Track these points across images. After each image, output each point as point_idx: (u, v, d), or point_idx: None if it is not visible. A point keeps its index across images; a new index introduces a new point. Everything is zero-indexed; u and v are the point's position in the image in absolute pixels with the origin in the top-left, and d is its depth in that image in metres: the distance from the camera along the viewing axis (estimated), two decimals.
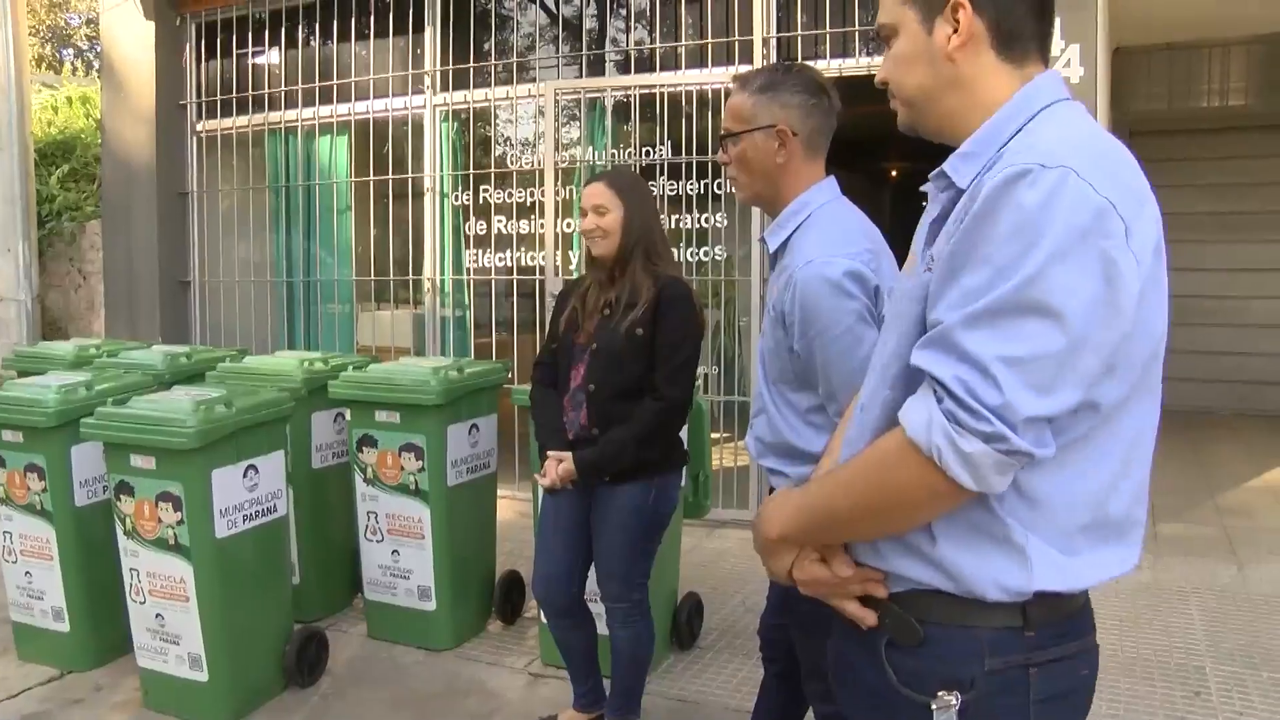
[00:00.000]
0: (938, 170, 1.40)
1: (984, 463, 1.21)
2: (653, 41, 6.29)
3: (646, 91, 6.07)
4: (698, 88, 5.90)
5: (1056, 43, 4.79)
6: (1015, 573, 1.30)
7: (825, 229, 2.20)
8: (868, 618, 1.42)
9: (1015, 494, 1.29)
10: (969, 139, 1.38)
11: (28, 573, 3.93)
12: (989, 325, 1.20)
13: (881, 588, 1.40)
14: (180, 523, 3.39)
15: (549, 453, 3.08)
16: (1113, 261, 1.20)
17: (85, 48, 18.95)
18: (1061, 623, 1.36)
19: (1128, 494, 1.36)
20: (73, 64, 18.28)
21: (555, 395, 3.17)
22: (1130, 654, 4.03)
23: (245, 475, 3.56)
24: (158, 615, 3.52)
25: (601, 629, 3.32)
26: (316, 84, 7.12)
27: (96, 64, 14.86)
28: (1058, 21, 4.62)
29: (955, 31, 1.39)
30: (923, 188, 1.45)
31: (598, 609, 3.32)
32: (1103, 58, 5.21)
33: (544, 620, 3.90)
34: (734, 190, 2.47)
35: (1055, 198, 1.20)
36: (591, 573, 3.27)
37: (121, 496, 3.49)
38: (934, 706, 1.33)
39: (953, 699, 1.33)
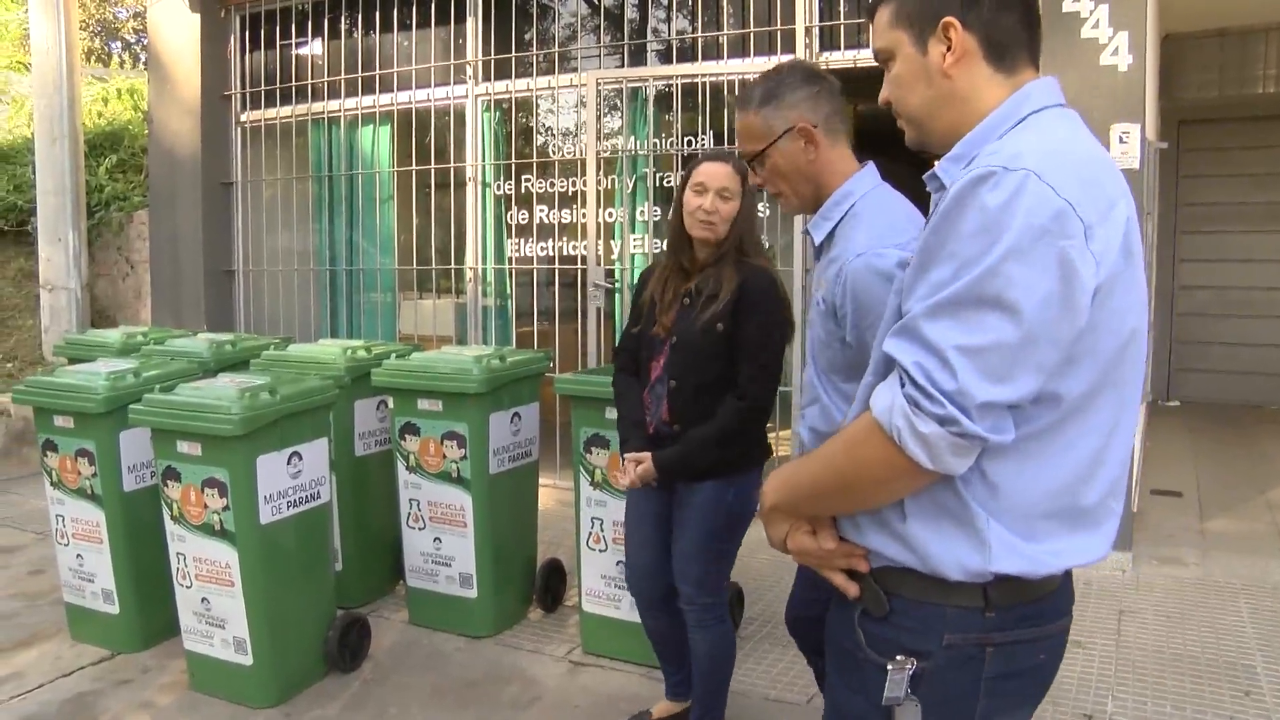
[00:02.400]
0: (930, 172, 1.48)
1: (939, 444, 1.30)
2: (694, 31, 6.26)
3: (688, 81, 6.05)
4: (740, 77, 5.86)
5: (1104, 30, 4.71)
6: (974, 554, 1.39)
7: (873, 219, 2.19)
8: (851, 589, 1.53)
9: (980, 480, 1.37)
10: (959, 142, 1.47)
11: (79, 555, 3.99)
12: (949, 316, 1.29)
13: (864, 562, 1.51)
14: (226, 508, 3.43)
15: (627, 454, 3.01)
16: (1069, 261, 1.27)
17: (133, 40, 19.16)
18: (1022, 606, 1.44)
19: (1099, 484, 1.43)
20: (120, 57, 18.48)
21: (637, 385, 3.08)
22: (1177, 651, 3.97)
23: (289, 462, 3.59)
24: (204, 599, 3.56)
25: None
26: (359, 74, 7.16)
27: (143, 56, 15.03)
28: (1105, 9, 4.62)
29: (949, 49, 1.47)
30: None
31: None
32: (1151, 45, 5.12)
33: (584, 609, 3.91)
34: (781, 207, 2.47)
35: (1016, 199, 1.28)
36: None
37: (168, 482, 3.53)
38: (889, 667, 1.45)
39: (909, 663, 1.44)
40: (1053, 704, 3.51)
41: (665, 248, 3.06)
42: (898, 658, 1.44)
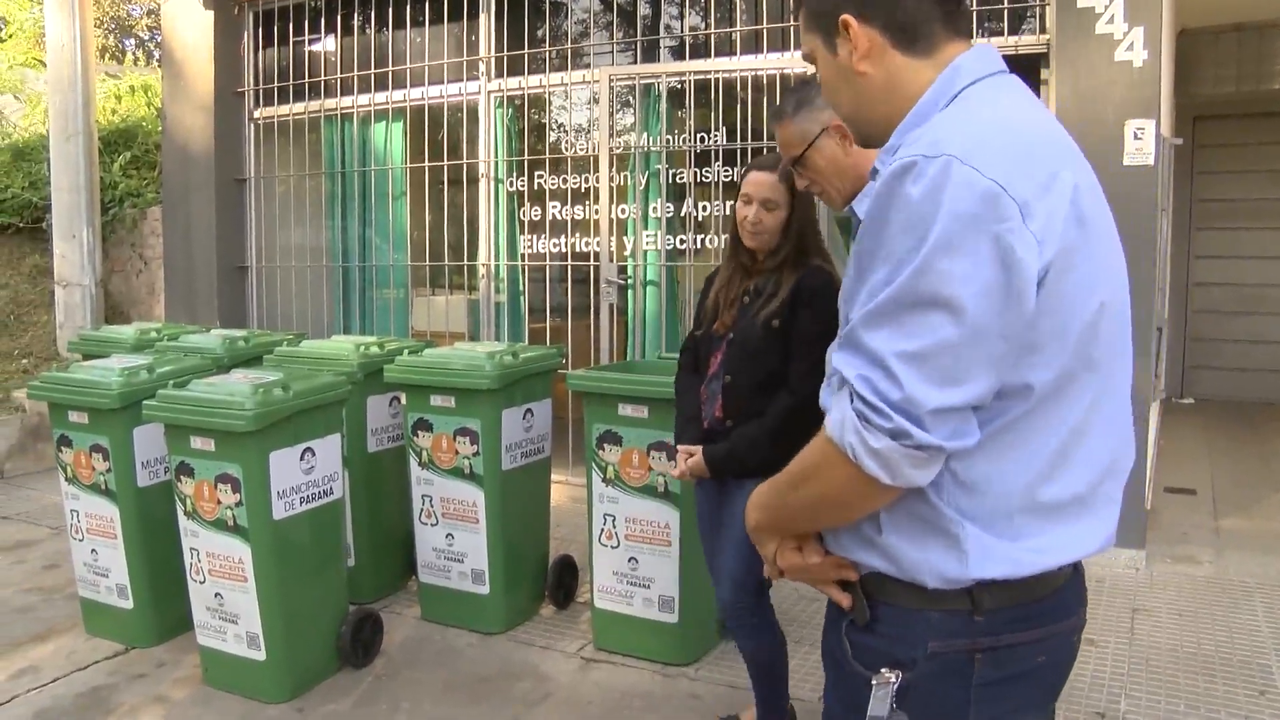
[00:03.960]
0: (873, 168, 1.42)
1: (894, 459, 1.23)
2: (707, 27, 6.25)
3: (701, 77, 6.04)
4: (753, 74, 5.86)
5: (1119, 26, 4.68)
6: (952, 562, 1.31)
7: None
8: (844, 600, 1.45)
9: (953, 481, 1.30)
10: (894, 132, 1.39)
11: (94, 550, 4.01)
12: (888, 322, 1.22)
13: (853, 572, 1.43)
14: (239, 504, 3.44)
15: (680, 446, 3.01)
16: (1007, 245, 1.19)
17: (146, 37, 19.22)
18: (1016, 608, 1.35)
19: (1086, 471, 1.35)
20: (134, 54, 18.55)
21: (696, 382, 3.06)
22: (1191, 649, 3.95)
23: (302, 458, 3.60)
24: (217, 594, 3.57)
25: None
26: (372, 71, 7.17)
27: (157, 53, 15.08)
28: (1120, 4, 4.59)
29: (854, 46, 1.40)
30: None
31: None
32: (1167, 40, 5.09)
33: (596, 605, 3.91)
34: (829, 205, 2.50)
35: (939, 187, 1.20)
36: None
37: (182, 477, 3.54)
38: (874, 682, 1.37)
39: (892, 677, 1.36)
40: (1065, 702, 3.50)
41: (727, 248, 3.07)
42: (882, 671, 1.37)
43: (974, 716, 1.37)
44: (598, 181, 6.12)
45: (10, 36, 14.65)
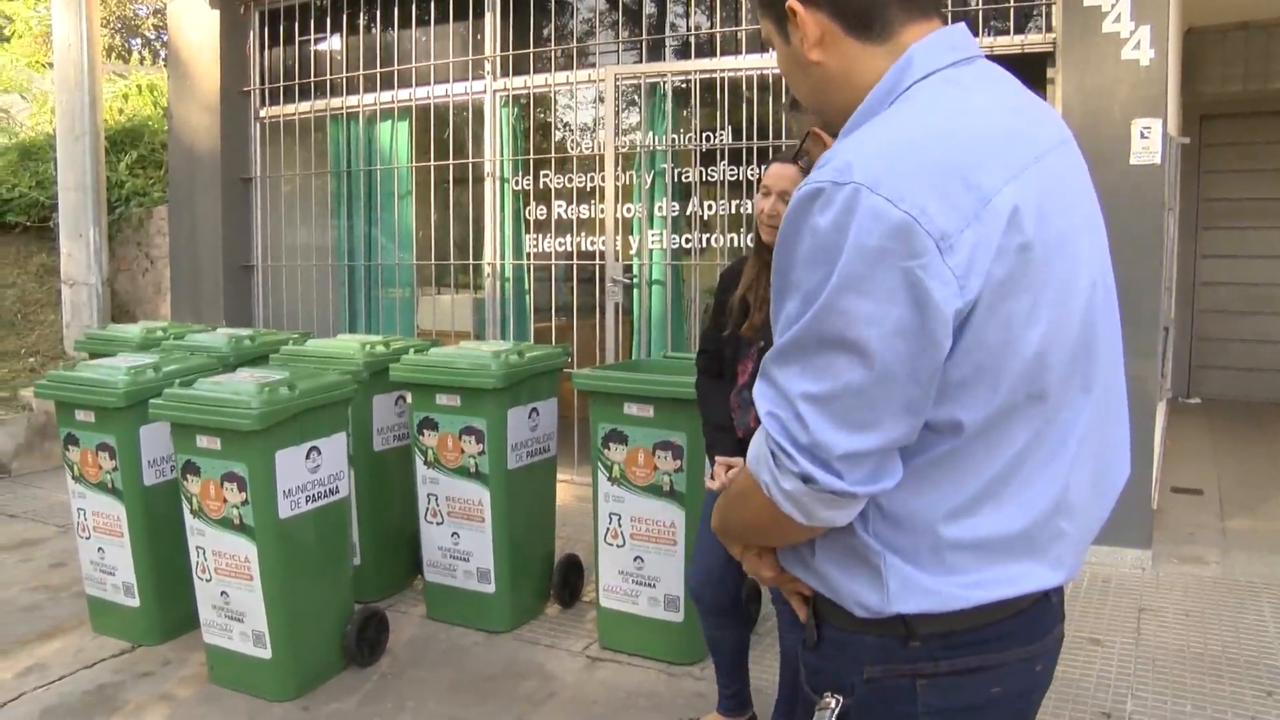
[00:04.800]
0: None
1: (805, 501, 1.17)
2: (712, 26, 6.24)
3: (706, 76, 6.04)
4: (758, 72, 5.86)
5: (1126, 24, 4.68)
6: (873, 594, 1.24)
7: None
8: (802, 612, 1.41)
9: (878, 514, 1.22)
10: (840, 133, 1.29)
11: (100, 549, 4.02)
12: (795, 359, 1.15)
13: (805, 588, 1.37)
14: (245, 503, 3.44)
15: (719, 458, 2.92)
16: (919, 283, 1.09)
17: (152, 37, 19.24)
18: (960, 634, 1.26)
19: (1030, 508, 1.24)
20: (140, 53, 18.57)
21: (722, 388, 2.99)
22: (1198, 650, 3.94)
23: (308, 457, 3.60)
24: (223, 593, 3.57)
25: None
26: (378, 70, 7.17)
27: (163, 53, 15.10)
28: (1127, 2, 4.58)
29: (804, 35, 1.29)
30: None
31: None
32: (1174, 39, 5.08)
33: (602, 604, 3.92)
34: None
35: (846, 219, 1.10)
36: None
37: (188, 476, 3.55)
38: (817, 707, 1.32)
39: (832, 702, 1.30)
40: (1071, 702, 3.49)
41: (752, 246, 3.01)
42: (824, 696, 1.32)
43: None
44: (603, 180, 6.12)
45: (17, 36, 14.67)
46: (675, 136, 6.27)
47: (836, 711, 1.30)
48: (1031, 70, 4.92)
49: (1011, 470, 1.22)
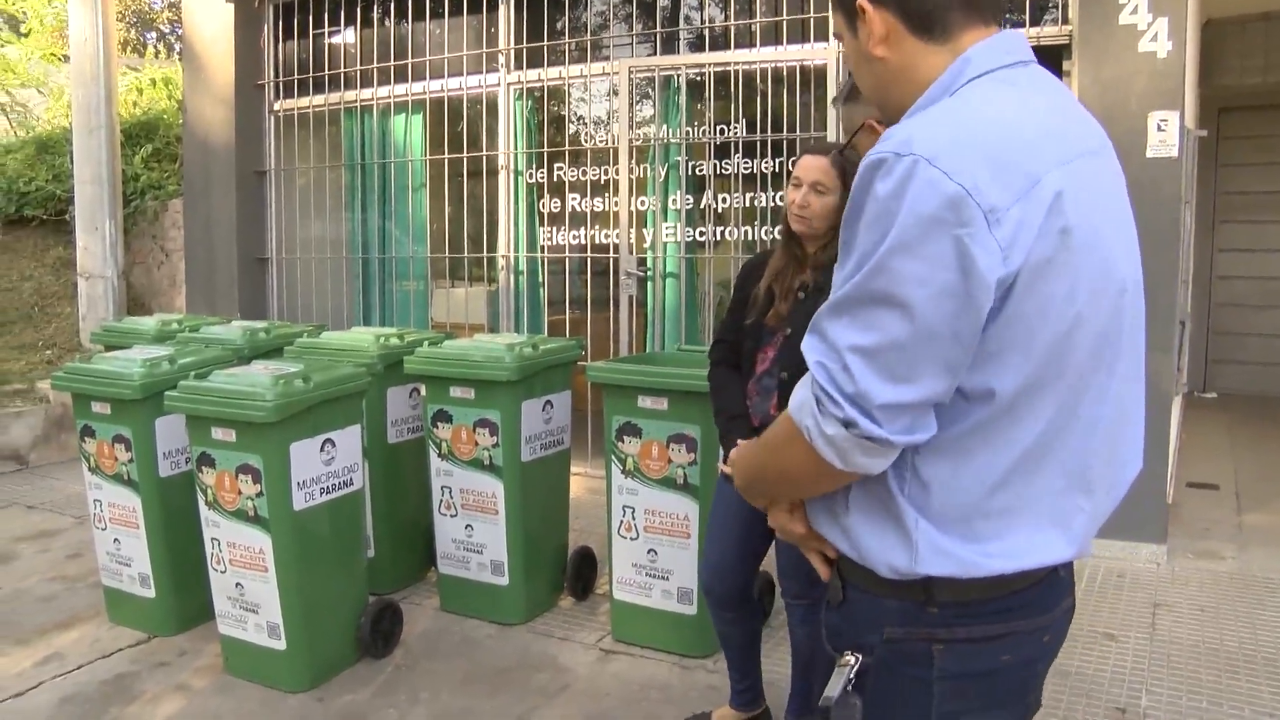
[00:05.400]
0: None
1: (845, 446, 1.25)
2: (727, 19, 6.23)
3: (721, 69, 6.03)
4: (772, 65, 5.84)
5: (1143, 16, 4.64)
6: (902, 555, 1.32)
7: None
8: (824, 571, 1.50)
9: (914, 477, 1.31)
10: (900, 120, 1.38)
11: (116, 540, 4.04)
12: (847, 314, 1.25)
13: (830, 549, 1.46)
14: (259, 494, 3.46)
15: (739, 442, 2.85)
16: (967, 251, 1.18)
17: (167, 30, 19.30)
18: (976, 604, 1.34)
19: (1053, 481, 1.33)
20: (155, 47, 18.64)
21: (738, 378, 2.96)
22: (1213, 645, 3.92)
23: (322, 449, 3.61)
24: (238, 584, 3.59)
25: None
26: (392, 63, 7.18)
27: (178, 46, 15.14)
28: None
29: (871, 31, 1.40)
30: None
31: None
32: (1192, 30, 5.05)
33: (615, 597, 3.92)
34: None
35: (904, 187, 1.20)
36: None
37: (203, 468, 3.56)
38: (838, 663, 1.40)
39: (851, 659, 1.39)
40: (1085, 697, 3.49)
41: (779, 238, 2.99)
42: (844, 654, 1.41)
43: (937, 709, 1.37)
44: (617, 173, 6.11)
45: (33, 31, 14.74)
46: (689, 129, 6.26)
47: (856, 668, 1.38)
48: (1047, 63, 4.89)
49: (1039, 445, 1.31)
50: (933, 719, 1.37)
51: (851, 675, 1.38)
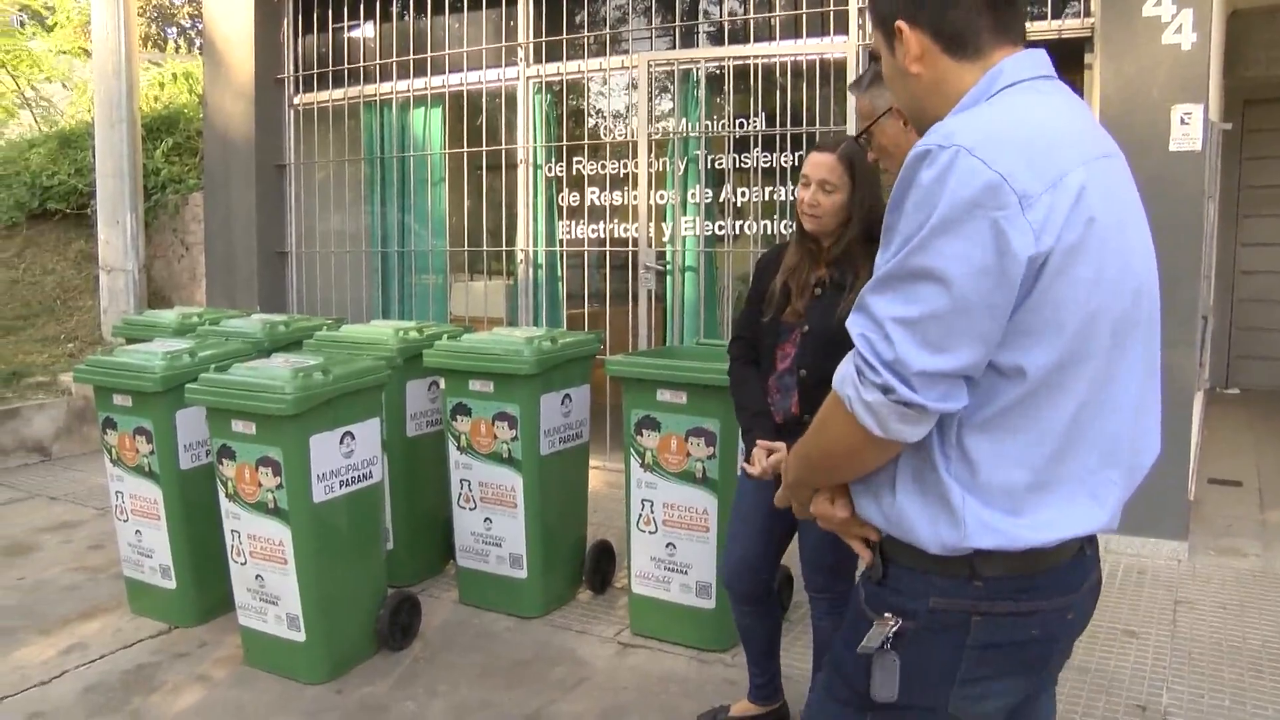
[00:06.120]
0: None
1: (883, 412, 1.35)
2: (746, 12, 6.21)
3: (740, 63, 6.01)
4: (792, 59, 5.82)
5: (1167, 8, 4.60)
6: (951, 531, 1.42)
7: None
8: (865, 554, 1.59)
9: (960, 456, 1.42)
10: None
11: (138, 531, 4.06)
12: (889, 289, 1.36)
13: (874, 533, 1.56)
14: (279, 487, 3.47)
15: (760, 441, 2.87)
16: (1003, 232, 1.30)
17: (188, 25, 19.40)
18: (1016, 579, 1.46)
19: (1086, 456, 1.45)
20: (176, 41, 18.72)
21: (756, 373, 2.95)
22: (1235, 643, 3.89)
23: (342, 442, 3.62)
24: (258, 576, 3.61)
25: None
26: (411, 57, 7.18)
27: (198, 41, 15.21)
28: None
29: (907, 50, 1.53)
30: None
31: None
32: (1218, 22, 4.99)
33: (634, 591, 3.92)
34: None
35: (946, 174, 1.32)
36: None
37: (223, 460, 3.58)
38: (876, 622, 1.51)
39: (894, 621, 1.49)
40: (1105, 694, 3.47)
41: (794, 233, 2.99)
42: (885, 615, 1.50)
43: (962, 674, 1.48)
44: (636, 167, 6.11)
45: (59, 26, 14.83)
46: (708, 123, 6.25)
47: (895, 629, 1.49)
48: (1068, 57, 4.85)
49: (1075, 422, 1.42)
50: (956, 682, 1.49)
51: (890, 634, 1.48)
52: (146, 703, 3.46)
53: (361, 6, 7.40)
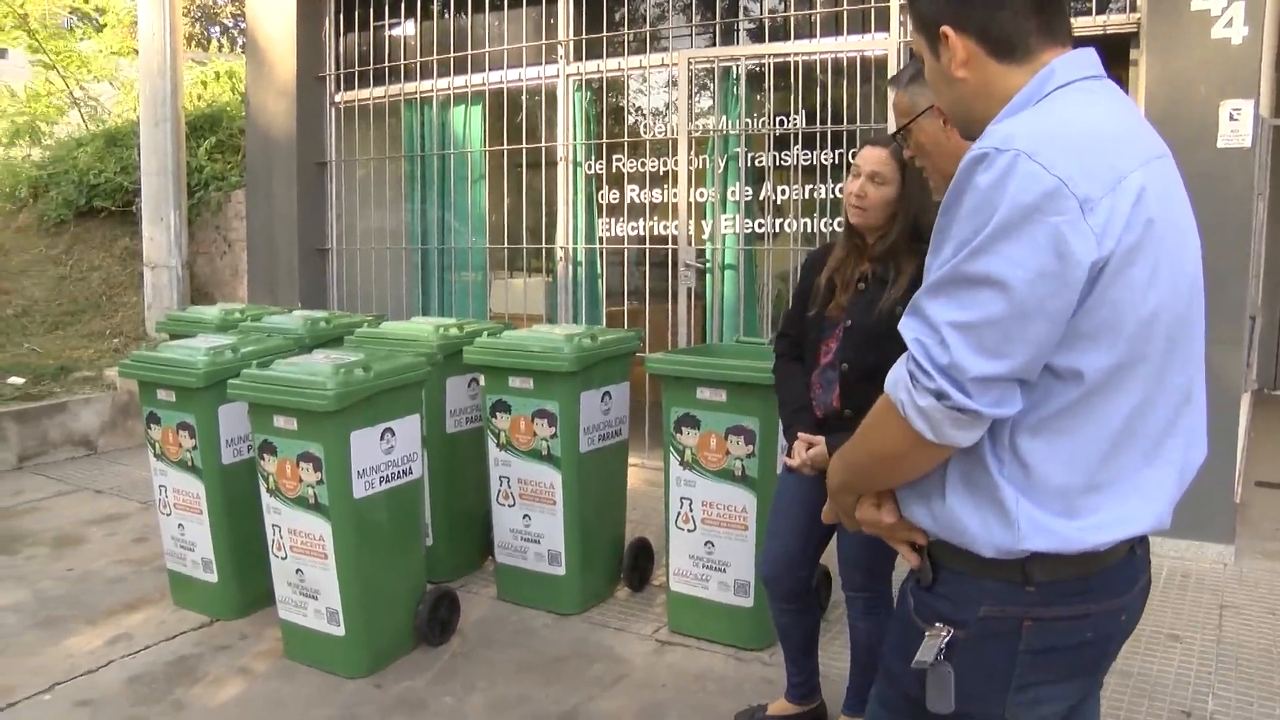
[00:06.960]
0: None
1: (936, 416, 1.34)
2: (786, 9, 6.18)
3: (780, 60, 5.98)
4: (832, 56, 5.78)
5: (1217, 1, 4.51)
6: (1005, 533, 1.40)
7: None
8: (912, 559, 1.57)
9: (1013, 459, 1.40)
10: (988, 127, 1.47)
11: (180, 525, 4.11)
12: (945, 294, 1.34)
13: (922, 537, 1.54)
14: (320, 482, 3.49)
15: (800, 434, 2.89)
16: (1062, 237, 1.28)
17: (231, 25, 19.59)
18: (1067, 583, 1.44)
19: (1141, 457, 1.43)
20: (219, 41, 18.90)
21: (800, 370, 2.95)
22: (1266, 644, 3.83)
23: (382, 438, 3.64)
24: (298, 570, 3.63)
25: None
26: (451, 55, 7.21)
27: (241, 40, 15.36)
28: None
29: (953, 54, 1.51)
30: None
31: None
32: (1271, 14, 4.89)
33: (672, 589, 3.91)
34: (934, 188, 2.47)
35: (1005, 178, 1.30)
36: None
37: (265, 455, 3.61)
38: (927, 633, 1.48)
39: (945, 631, 1.47)
40: (1149, 699, 3.42)
41: (836, 230, 2.98)
42: (936, 625, 1.48)
43: (1016, 680, 1.46)
44: (676, 165, 6.10)
45: (110, 27, 15.02)
46: (749, 120, 6.22)
47: (946, 639, 1.47)
48: (1114, 52, 4.79)
49: (1128, 424, 1.41)
50: (1011, 689, 1.47)
51: (942, 645, 1.46)
52: (189, 694, 3.50)
53: (402, 5, 7.43)
